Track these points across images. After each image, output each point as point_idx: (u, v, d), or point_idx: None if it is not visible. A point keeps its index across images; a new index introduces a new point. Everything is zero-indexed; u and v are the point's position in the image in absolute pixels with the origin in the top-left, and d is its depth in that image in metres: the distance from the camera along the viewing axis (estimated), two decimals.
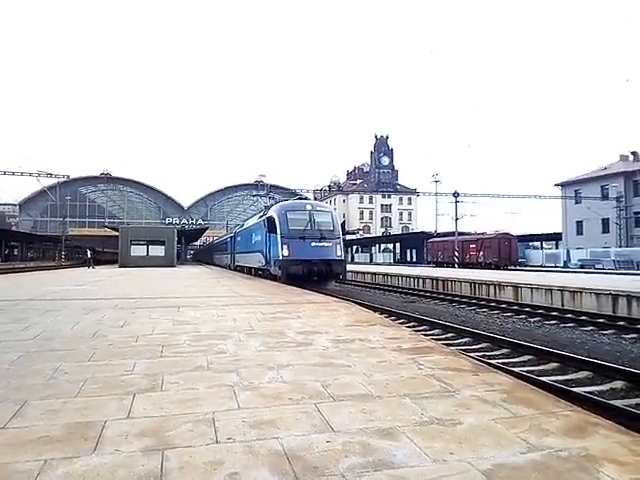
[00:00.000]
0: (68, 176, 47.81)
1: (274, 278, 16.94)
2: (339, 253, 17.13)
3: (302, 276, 15.67)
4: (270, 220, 17.76)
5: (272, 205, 20.14)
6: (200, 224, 77.96)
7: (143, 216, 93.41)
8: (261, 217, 20.81)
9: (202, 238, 78.06)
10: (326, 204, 21.24)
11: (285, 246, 16.31)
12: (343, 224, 19.24)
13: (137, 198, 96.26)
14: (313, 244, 16.56)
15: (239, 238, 27.74)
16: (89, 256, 37.84)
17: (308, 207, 17.85)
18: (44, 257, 68.50)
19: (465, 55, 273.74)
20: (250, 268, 22.90)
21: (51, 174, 43.54)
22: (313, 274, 16.11)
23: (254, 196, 63.92)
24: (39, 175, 42.30)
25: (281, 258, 16.18)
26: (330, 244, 16.89)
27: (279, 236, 16.65)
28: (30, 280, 17.46)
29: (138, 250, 33.25)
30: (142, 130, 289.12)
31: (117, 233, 35.68)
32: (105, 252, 67.00)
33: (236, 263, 28.72)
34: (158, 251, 33.62)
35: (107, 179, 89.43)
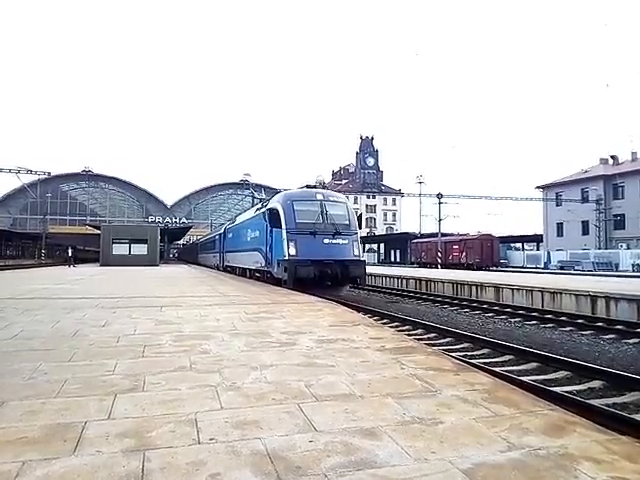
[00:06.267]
0: (49, 173, 47.10)
1: (277, 282, 14.09)
2: (357, 252, 14.42)
3: (313, 280, 13.11)
4: (273, 212, 14.80)
5: (274, 195, 16.97)
6: (184, 223, 77.40)
7: (125, 214, 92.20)
8: (260, 209, 17.66)
9: (186, 237, 77.43)
10: (340, 194, 17.31)
11: (292, 243, 13.67)
12: (360, 218, 15.76)
13: (119, 196, 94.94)
14: (326, 241, 13.90)
15: (231, 235, 24.32)
16: (70, 254, 37.27)
17: (319, 197, 14.79)
18: (24, 255, 67.13)
19: (450, 57, 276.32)
20: (245, 269, 19.86)
21: (31, 170, 42.82)
22: (326, 277, 13.52)
23: (245, 188, 62.54)
24: (19, 171, 41.54)
25: (287, 258, 13.53)
26: (346, 241, 14.22)
27: (284, 231, 13.92)
28: (9, 278, 17.13)
29: (120, 249, 32.81)
30: (125, 127, 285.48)
31: (99, 231, 35.21)
32: (86, 250, 66.12)
33: (226, 263, 25.85)
34: (140, 250, 33.21)
35: (89, 176, 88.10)
